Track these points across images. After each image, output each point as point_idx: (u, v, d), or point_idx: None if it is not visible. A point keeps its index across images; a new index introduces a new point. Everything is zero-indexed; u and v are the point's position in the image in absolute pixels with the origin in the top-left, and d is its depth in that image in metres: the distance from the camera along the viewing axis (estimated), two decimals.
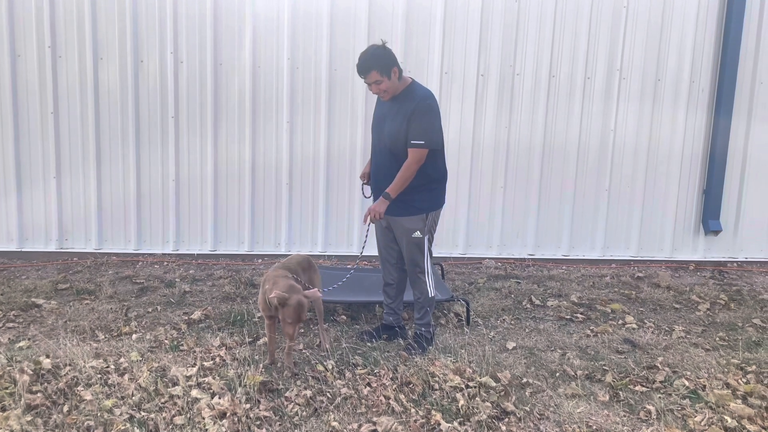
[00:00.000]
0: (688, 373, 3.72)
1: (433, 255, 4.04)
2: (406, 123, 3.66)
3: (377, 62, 3.61)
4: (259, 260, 6.09)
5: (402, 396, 3.25)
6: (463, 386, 3.37)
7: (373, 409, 3.14)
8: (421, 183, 3.75)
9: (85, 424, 2.90)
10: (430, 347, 3.97)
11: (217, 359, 3.64)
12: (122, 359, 3.60)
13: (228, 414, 3.00)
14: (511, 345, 4.11)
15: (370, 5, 5.91)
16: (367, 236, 4.11)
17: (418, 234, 3.81)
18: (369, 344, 4.02)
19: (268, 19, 5.87)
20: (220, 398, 3.13)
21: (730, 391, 3.43)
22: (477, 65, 6.07)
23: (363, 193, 4.26)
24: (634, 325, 4.58)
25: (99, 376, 3.36)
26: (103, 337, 4.03)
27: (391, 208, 3.76)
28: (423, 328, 4.00)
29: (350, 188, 6.14)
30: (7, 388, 3.18)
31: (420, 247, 3.84)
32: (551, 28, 6.09)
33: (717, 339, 4.37)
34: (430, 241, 3.92)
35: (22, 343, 3.86)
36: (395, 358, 3.78)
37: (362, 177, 4.18)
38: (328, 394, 3.27)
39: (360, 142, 6.06)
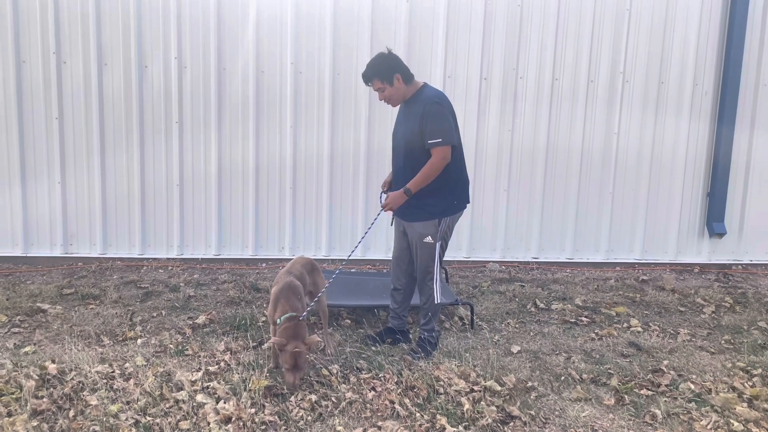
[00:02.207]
0: (694, 376, 3.71)
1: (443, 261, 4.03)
2: (419, 125, 3.68)
3: (377, 70, 3.71)
4: (263, 264, 6.10)
5: (407, 400, 3.25)
6: (467, 390, 3.37)
7: (378, 414, 3.14)
8: (432, 188, 3.74)
9: (91, 429, 2.91)
10: (434, 352, 3.97)
11: (222, 364, 3.64)
12: (127, 364, 3.61)
13: (233, 418, 3.00)
14: (515, 349, 4.11)
15: (372, 10, 5.93)
16: (370, 227, 4.22)
17: (429, 239, 3.81)
18: (373, 348, 4.02)
19: (271, 23, 5.89)
20: (225, 403, 3.14)
21: (735, 395, 3.42)
22: (480, 69, 6.08)
23: (380, 201, 4.08)
24: (639, 329, 4.57)
25: (104, 381, 3.37)
26: (108, 341, 4.04)
27: (406, 212, 3.84)
28: (427, 333, 4.00)
29: (354, 192, 6.15)
30: (13, 393, 3.19)
31: (431, 253, 3.84)
32: (554, 31, 6.10)
33: (722, 342, 4.36)
34: (443, 248, 3.90)
35: (27, 348, 3.87)
36: (399, 363, 3.77)
37: (383, 186, 4.17)
38: (332, 399, 3.26)
39: (363, 146, 6.07)
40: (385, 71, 3.70)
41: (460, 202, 3.90)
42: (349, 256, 4.36)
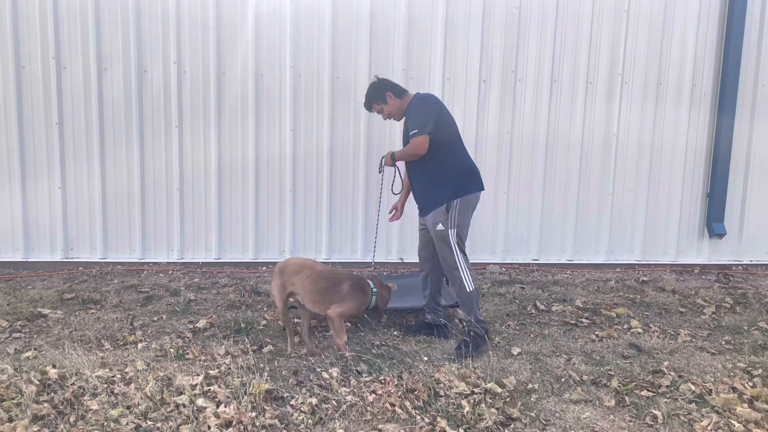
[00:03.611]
0: (694, 377, 3.71)
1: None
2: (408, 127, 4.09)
3: (371, 97, 4.20)
4: (264, 268, 6.10)
5: (407, 403, 3.25)
6: (468, 393, 3.37)
7: (379, 417, 3.14)
8: (431, 180, 4.05)
9: None
10: (485, 345, 4.03)
11: (223, 368, 3.64)
12: (128, 368, 3.61)
13: (234, 422, 3.00)
14: (516, 350, 4.11)
15: (371, 14, 5.94)
16: (382, 184, 4.72)
17: (440, 227, 4.01)
18: (373, 351, 4.02)
19: (271, 27, 5.91)
20: (225, 407, 3.14)
21: (736, 396, 3.41)
22: (479, 71, 6.09)
23: (380, 165, 4.45)
24: (640, 330, 4.57)
25: (105, 385, 3.37)
26: (108, 346, 4.04)
27: (422, 209, 4.19)
28: (467, 326, 4.10)
29: (353, 195, 6.15)
30: (13, 399, 3.19)
31: (446, 241, 4.01)
32: (552, 33, 6.11)
33: (723, 342, 4.36)
34: (461, 237, 4.04)
35: (28, 354, 3.88)
36: (399, 366, 3.77)
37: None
38: (333, 402, 3.26)
39: (363, 149, 6.08)
40: (377, 94, 4.16)
41: (464, 188, 4.05)
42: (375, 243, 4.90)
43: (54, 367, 3.57)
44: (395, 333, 4.41)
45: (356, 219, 6.18)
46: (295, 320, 4.59)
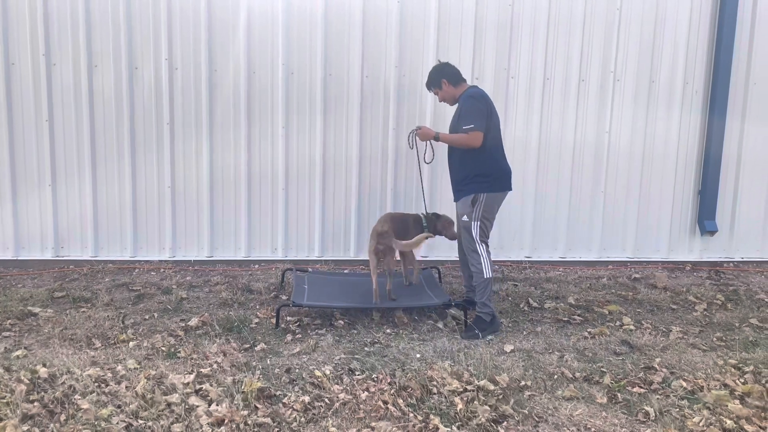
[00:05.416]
0: (686, 374, 3.73)
1: (487, 242, 4.45)
2: (458, 120, 4.42)
3: (429, 79, 4.62)
4: (256, 266, 6.08)
5: (400, 401, 3.25)
6: (461, 390, 3.37)
7: (372, 414, 3.14)
8: (467, 173, 4.38)
9: None
10: (487, 332, 4.32)
11: (215, 366, 3.63)
12: (119, 367, 3.59)
13: (226, 421, 2.99)
14: (508, 348, 4.12)
15: (364, 12, 5.92)
16: (415, 149, 4.92)
17: (465, 218, 4.40)
18: (366, 349, 4.01)
19: (263, 24, 5.88)
20: (217, 405, 3.13)
21: (727, 392, 3.44)
22: (471, 69, 6.08)
23: (410, 139, 4.82)
24: (632, 327, 4.59)
25: (96, 384, 3.35)
26: (99, 345, 4.01)
27: (455, 194, 4.58)
28: (479, 311, 4.40)
29: (346, 192, 6.14)
30: (3, 398, 3.17)
31: (469, 232, 4.38)
32: (545, 30, 6.11)
33: (714, 339, 4.38)
34: (483, 231, 4.39)
35: (18, 352, 3.85)
36: (392, 363, 3.77)
37: None
38: (325, 400, 3.26)
39: (355, 146, 6.07)
40: (435, 78, 4.56)
41: (492, 185, 4.38)
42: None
43: (44, 366, 3.54)
44: (388, 331, 4.41)
45: (349, 217, 6.17)
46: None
